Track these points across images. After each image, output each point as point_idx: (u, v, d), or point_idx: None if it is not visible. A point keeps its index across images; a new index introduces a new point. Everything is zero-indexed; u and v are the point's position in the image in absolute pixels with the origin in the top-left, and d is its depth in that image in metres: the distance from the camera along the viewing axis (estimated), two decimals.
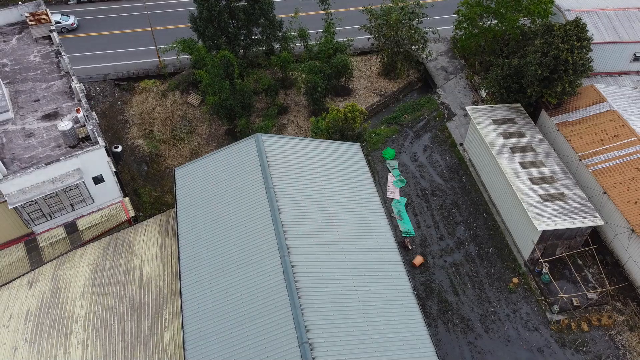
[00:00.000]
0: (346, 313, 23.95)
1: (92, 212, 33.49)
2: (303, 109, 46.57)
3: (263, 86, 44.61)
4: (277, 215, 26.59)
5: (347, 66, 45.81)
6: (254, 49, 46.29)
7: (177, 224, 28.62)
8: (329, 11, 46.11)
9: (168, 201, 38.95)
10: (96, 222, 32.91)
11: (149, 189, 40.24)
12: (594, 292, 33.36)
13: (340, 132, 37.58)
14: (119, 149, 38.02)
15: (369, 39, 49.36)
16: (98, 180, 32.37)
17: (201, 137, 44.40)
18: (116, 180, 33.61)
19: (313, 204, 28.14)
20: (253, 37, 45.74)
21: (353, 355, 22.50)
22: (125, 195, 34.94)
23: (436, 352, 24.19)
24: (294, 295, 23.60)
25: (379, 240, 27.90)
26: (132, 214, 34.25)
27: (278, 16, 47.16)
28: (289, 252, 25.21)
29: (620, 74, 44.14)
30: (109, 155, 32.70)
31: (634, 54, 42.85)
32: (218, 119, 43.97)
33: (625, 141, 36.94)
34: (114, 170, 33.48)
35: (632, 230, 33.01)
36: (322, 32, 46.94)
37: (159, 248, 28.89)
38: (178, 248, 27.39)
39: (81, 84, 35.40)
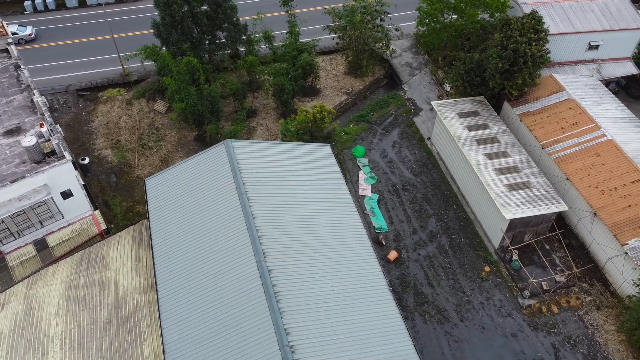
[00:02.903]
0: (325, 313, 24.34)
1: (62, 228, 32.95)
2: (272, 111, 46.69)
3: (230, 90, 44.52)
4: (251, 220, 26.75)
5: (313, 66, 46.15)
6: (219, 53, 46.12)
7: (150, 234, 28.47)
8: (291, 12, 46.27)
9: (140, 211, 38.58)
10: (67, 238, 32.40)
11: (119, 200, 39.78)
12: (562, 276, 34.64)
13: (310, 133, 37.89)
14: (87, 161, 37.47)
15: (333, 38, 49.75)
16: (66, 195, 31.86)
17: (170, 144, 44.05)
18: (85, 193, 33.14)
19: (287, 207, 28.41)
20: (218, 42, 45.55)
21: (334, 354, 22.91)
22: (95, 208, 34.48)
23: (414, 345, 24.82)
24: (272, 299, 23.86)
25: (353, 239, 28.37)
26: (103, 227, 33.85)
27: (241, 19, 47.01)
28: (265, 257, 25.43)
29: (577, 63, 45.71)
30: (76, 169, 32.22)
31: (589, 43, 44.42)
32: (186, 125, 43.69)
33: (584, 128, 38.37)
34: (83, 183, 33.00)
35: (595, 214, 34.40)
36: (287, 33, 47.09)
37: (134, 260, 28.69)
38: (153, 259, 27.27)
39: (43, 97, 34.72)
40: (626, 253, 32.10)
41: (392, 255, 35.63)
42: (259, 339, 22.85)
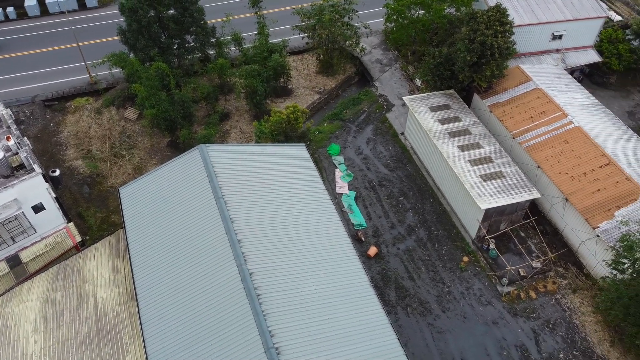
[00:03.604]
0: (308, 313, 24.40)
1: (36, 242, 32.20)
2: (245, 114, 46.47)
3: (202, 94, 44.14)
4: (229, 224, 26.62)
5: (285, 67, 46.11)
6: (189, 57, 45.66)
7: (127, 244, 28.07)
8: (260, 13, 46.11)
9: (115, 221, 37.96)
10: (41, 252, 31.68)
11: (94, 211, 39.05)
12: (537, 261, 35.43)
13: (284, 133, 37.84)
14: (57, 172, 36.65)
15: (303, 38, 49.77)
16: (38, 208, 31.16)
17: (143, 151, 43.44)
18: (58, 206, 32.47)
19: (265, 209, 28.35)
20: (186, 46, 45.10)
21: (319, 354, 23.00)
22: (69, 221, 33.81)
23: (398, 338, 25.09)
24: (255, 302, 23.80)
25: (332, 237, 28.49)
26: (78, 239, 33.20)
27: (210, 22, 46.63)
28: (245, 260, 25.34)
29: (542, 53, 46.76)
30: (47, 181, 31.54)
31: (552, 33, 45.48)
32: (159, 131, 43.16)
33: (552, 116, 39.30)
34: (54, 195, 32.34)
35: (566, 199, 35.29)
36: (256, 34, 46.92)
37: (112, 271, 28.24)
38: (131, 269, 26.89)
39: (8, 109, 33.86)
40: (598, 236, 33.02)
41: (372, 251, 35.89)
42: (244, 343, 22.78)
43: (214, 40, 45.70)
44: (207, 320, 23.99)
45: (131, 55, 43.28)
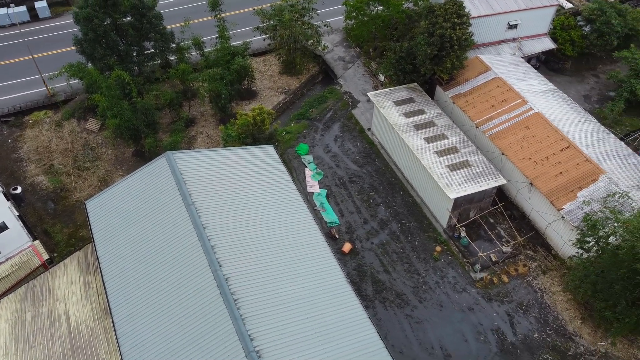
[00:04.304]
0: (287, 314, 24.40)
1: (0, 264, 31.14)
2: (210, 118, 46.01)
3: (165, 101, 43.50)
4: (202, 231, 26.36)
5: (248, 69, 45.87)
6: (149, 64, 44.92)
7: (97, 258, 27.46)
8: (219, 16, 45.72)
9: (84, 236, 37.06)
10: (7, 274, 30.66)
11: (60, 227, 38.00)
12: (507, 246, 36.33)
13: (252, 136, 37.68)
14: (19, 190, 35.60)
15: (265, 39, 49.59)
16: (1, 228, 30.15)
17: (108, 163, 42.52)
18: (21, 224, 31.50)
19: (237, 213, 28.18)
20: (146, 52, 44.34)
21: (300, 353, 23.04)
22: (35, 239, 32.85)
23: (378, 332, 25.34)
24: (233, 307, 23.66)
25: (306, 236, 28.54)
26: (46, 257, 32.28)
27: (169, 27, 45.98)
28: (220, 266, 25.15)
29: (500, 42, 47.88)
30: (8, 199, 30.56)
31: (508, 23, 46.64)
32: (123, 141, 42.30)
33: (512, 104, 40.33)
34: (17, 214, 31.37)
35: (531, 184, 36.30)
36: (217, 37, 46.51)
37: (83, 287, 27.57)
38: (104, 283, 26.32)
39: None
40: (563, 217, 34.10)
41: (347, 247, 36.12)
42: (224, 349, 22.63)
43: (174, 45, 45.08)
44: (186, 328, 23.72)
45: (89, 65, 42.29)
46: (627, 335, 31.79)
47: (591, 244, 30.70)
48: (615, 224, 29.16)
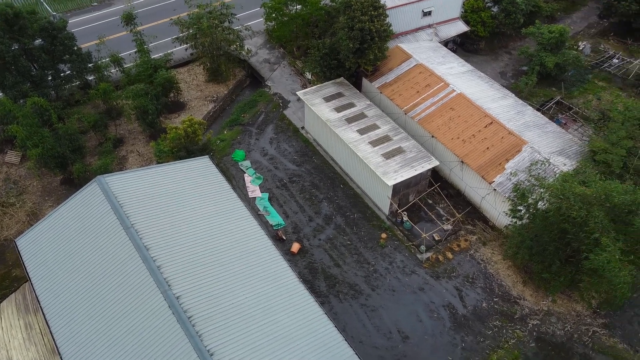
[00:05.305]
0: (244, 323, 24.33)
1: None
2: (140, 135, 44.68)
3: (89, 123, 41.76)
4: (145, 252, 25.72)
5: (172, 81, 44.94)
6: (67, 87, 43.00)
7: (37, 297, 26.11)
8: (135, 30, 44.44)
9: (18, 275, 34.99)
10: None
11: None
12: (448, 224, 37.91)
13: (185, 148, 36.99)
14: None
15: (186, 49, 48.69)
16: None
17: (35, 195, 40.34)
18: None
19: (179, 229, 27.68)
20: (62, 75, 42.39)
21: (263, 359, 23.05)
22: None
23: (336, 326, 25.81)
24: (187, 325, 23.31)
25: (253, 243, 28.52)
26: None
27: (83, 46, 44.21)
28: (169, 285, 24.68)
29: (417, 30, 49.63)
30: None
31: (422, 11, 48.45)
32: (48, 171, 40.23)
33: (436, 88, 41.97)
34: None
35: (462, 162, 38.02)
36: (136, 52, 45.20)
37: (24, 330, 26.15)
38: (47, 322, 25.09)
39: None
40: (495, 190, 36.00)
41: (295, 247, 36.34)
42: None
43: (91, 65, 43.41)
44: (142, 355, 23.09)
45: (0, 94, 39.88)
46: (564, 291, 34.13)
47: (523, 212, 32.62)
48: (542, 190, 31.15)
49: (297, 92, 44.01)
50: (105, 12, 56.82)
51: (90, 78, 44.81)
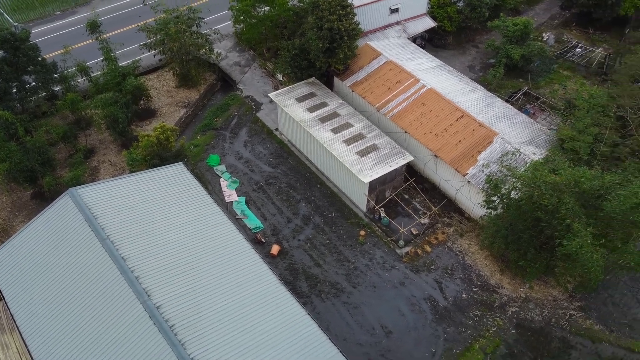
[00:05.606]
0: (227, 329, 24.21)
1: None
2: (111, 145, 43.95)
3: (58, 135, 40.91)
4: (122, 263, 25.37)
5: (142, 88, 44.38)
6: (33, 99, 42.07)
7: (12, 315, 25.49)
8: (101, 38, 43.70)
9: None
10: None
11: None
12: (425, 217, 38.38)
13: (158, 156, 36.53)
14: None
15: (154, 55, 48.07)
16: None
17: (4, 211, 39.33)
18: None
19: (156, 238, 27.35)
20: (27, 87, 41.44)
21: None
22: None
23: (319, 326, 25.88)
24: (170, 334, 23.09)
25: (231, 247, 28.36)
26: None
27: (48, 56, 43.29)
28: (149, 295, 24.40)
29: (385, 27, 50.06)
30: None
31: (390, 8, 48.91)
32: (17, 185, 39.31)
33: (406, 84, 42.42)
34: None
35: (435, 156, 38.54)
36: (103, 60, 44.46)
37: (0, 351, 25.49)
38: (24, 341, 24.52)
39: None
40: (468, 181, 36.60)
41: (275, 249, 36.29)
42: None
43: (57, 75, 42.56)
44: None
45: None
46: (540, 277, 34.92)
47: (497, 202, 33.26)
48: (514, 180, 31.80)
49: (269, 94, 43.93)
50: (69, 21, 55.73)
51: (56, 89, 43.94)
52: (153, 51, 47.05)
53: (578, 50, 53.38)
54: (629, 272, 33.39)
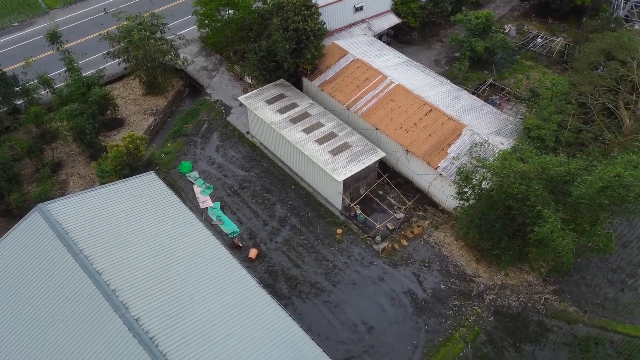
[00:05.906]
0: (208, 336, 24.06)
1: None
2: (79, 157, 43.05)
3: (22, 150, 39.93)
4: (97, 277, 24.94)
5: (108, 97, 43.65)
6: None
7: None
8: (62, 48, 42.76)
9: None
10: None
11: None
12: (400, 212, 38.82)
13: (129, 166, 35.99)
14: None
15: (119, 63, 47.26)
16: None
17: None
18: None
19: (131, 249, 26.97)
20: None
21: None
22: None
23: (301, 327, 25.95)
24: (151, 346, 22.83)
25: (208, 254, 28.19)
26: None
27: (7, 69, 42.19)
28: (127, 308, 24.05)
29: (351, 26, 50.34)
30: None
31: (354, 6, 49.20)
32: None
33: (374, 81, 42.79)
34: None
35: (407, 151, 39.01)
36: (66, 71, 43.52)
37: None
38: None
39: None
40: (440, 174, 37.18)
41: (253, 253, 36.17)
42: None
43: (18, 89, 41.49)
44: None
45: None
46: (515, 264, 35.74)
47: (469, 193, 33.86)
48: (484, 170, 32.45)
49: (238, 97, 43.72)
50: (28, 32, 54.36)
51: (19, 102, 42.88)
52: (117, 59, 46.27)
53: (539, 40, 54.75)
54: (598, 254, 34.41)
